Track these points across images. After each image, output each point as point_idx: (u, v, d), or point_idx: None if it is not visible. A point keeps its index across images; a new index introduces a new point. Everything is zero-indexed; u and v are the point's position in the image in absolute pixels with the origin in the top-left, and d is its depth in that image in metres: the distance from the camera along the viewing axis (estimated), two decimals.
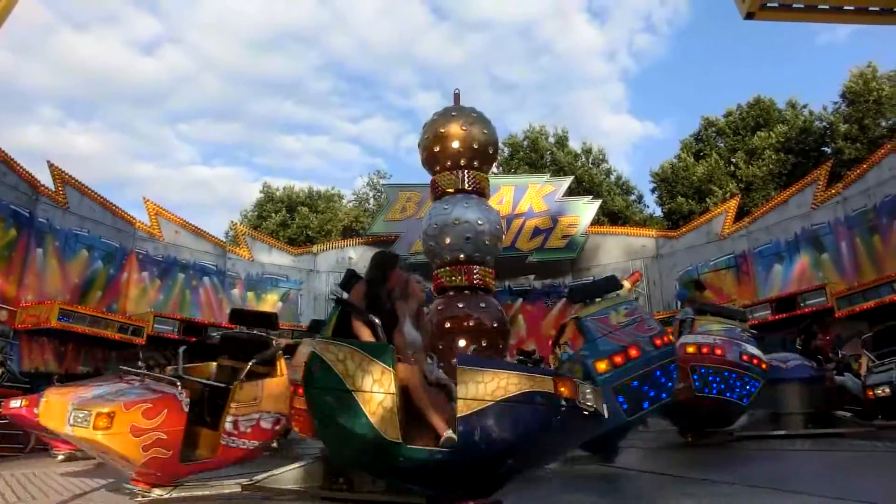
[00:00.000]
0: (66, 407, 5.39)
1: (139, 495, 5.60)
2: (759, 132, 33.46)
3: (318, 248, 27.89)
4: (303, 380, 4.76)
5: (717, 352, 9.08)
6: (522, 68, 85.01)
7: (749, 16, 5.17)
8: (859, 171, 19.77)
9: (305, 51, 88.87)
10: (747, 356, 9.23)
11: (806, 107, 34.55)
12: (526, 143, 40.36)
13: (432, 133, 16.20)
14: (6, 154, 17.21)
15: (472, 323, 14.94)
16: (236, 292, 24.18)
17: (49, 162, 18.93)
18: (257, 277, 25.10)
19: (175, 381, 5.85)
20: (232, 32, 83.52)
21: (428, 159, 16.49)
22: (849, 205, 19.63)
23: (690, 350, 9.03)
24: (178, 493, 5.88)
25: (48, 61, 75.04)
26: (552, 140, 40.74)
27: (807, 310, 18.15)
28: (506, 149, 38.99)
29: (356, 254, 27.60)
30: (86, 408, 5.34)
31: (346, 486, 5.43)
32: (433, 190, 16.51)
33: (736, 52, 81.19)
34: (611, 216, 35.66)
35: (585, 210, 27.10)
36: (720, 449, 9.44)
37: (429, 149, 16.30)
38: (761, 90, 49.38)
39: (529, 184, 27.88)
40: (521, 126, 75.59)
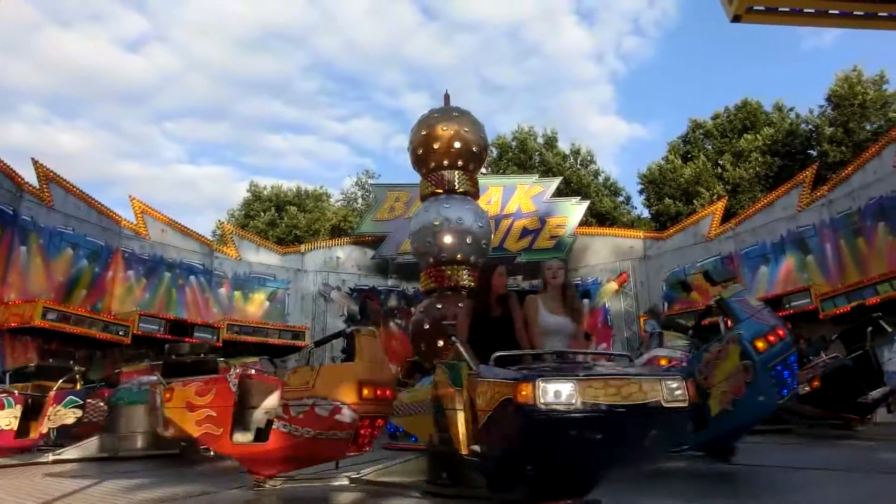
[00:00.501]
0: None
1: (255, 485, 6.17)
2: (745, 134, 33.63)
3: (305, 248, 27.80)
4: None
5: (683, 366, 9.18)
6: (511, 70, 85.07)
7: (736, 18, 5.20)
8: (844, 174, 19.92)
9: (293, 50, 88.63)
10: None
11: (792, 110, 34.79)
12: (514, 143, 40.42)
13: (422, 133, 16.21)
14: None
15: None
16: (223, 291, 24.08)
17: (34, 159, 18.83)
18: (244, 277, 25.00)
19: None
20: (219, 31, 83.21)
21: (418, 160, 16.49)
22: (834, 207, 19.77)
23: (663, 363, 9.06)
24: (290, 484, 6.47)
25: (33, 59, 74.53)
26: (541, 141, 40.83)
27: (790, 311, 18.27)
28: (494, 149, 39.01)
29: (344, 253, 27.58)
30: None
31: (450, 482, 5.65)
32: (423, 190, 16.52)
33: (723, 55, 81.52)
34: (599, 217, 35.75)
35: (574, 211, 27.17)
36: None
37: (419, 149, 16.30)
38: (748, 93, 49.59)
39: (518, 184, 27.93)
40: (509, 127, 75.71)
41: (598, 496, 4.16)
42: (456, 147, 15.87)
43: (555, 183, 28.51)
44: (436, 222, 15.40)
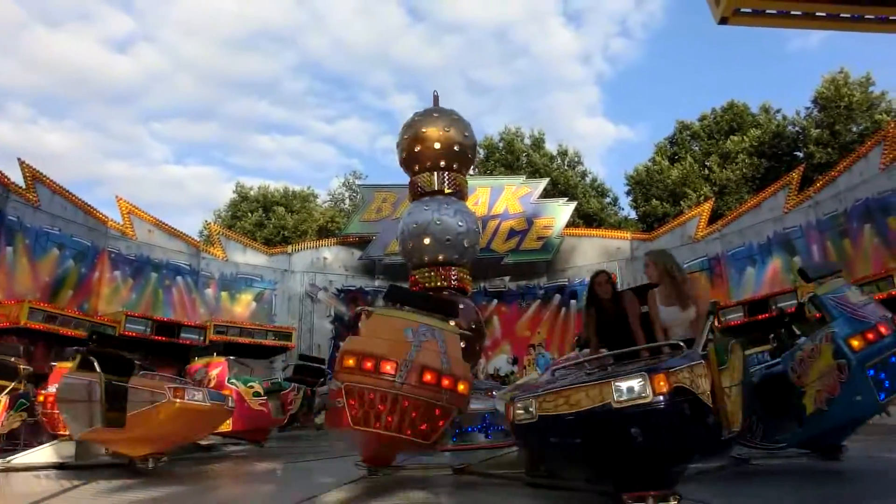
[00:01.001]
0: None
1: (366, 472, 6.92)
2: (732, 136, 33.80)
3: (292, 249, 27.72)
4: None
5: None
6: (498, 71, 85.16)
7: (723, 20, 5.19)
8: (830, 175, 20.03)
9: (281, 50, 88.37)
10: None
11: (779, 111, 34.99)
12: (502, 144, 40.46)
13: (411, 134, 16.12)
14: None
15: None
16: (210, 292, 23.97)
17: (20, 159, 18.64)
18: (231, 277, 24.89)
19: None
20: (207, 31, 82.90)
21: (406, 160, 16.41)
22: (820, 209, 19.88)
23: None
24: (394, 472, 7.16)
25: (20, 58, 73.96)
26: (528, 142, 40.90)
27: (776, 313, 18.31)
28: (482, 150, 39.00)
29: (331, 254, 27.52)
30: None
31: (547, 473, 6.14)
32: (411, 191, 16.45)
33: (709, 57, 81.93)
34: (586, 218, 35.83)
35: (561, 212, 27.21)
36: None
37: (407, 149, 16.22)
38: (735, 95, 49.79)
39: (505, 185, 27.95)
40: (496, 128, 75.68)
41: (705, 494, 4.96)
42: (445, 148, 15.80)
43: (542, 184, 28.55)
44: (424, 223, 15.34)
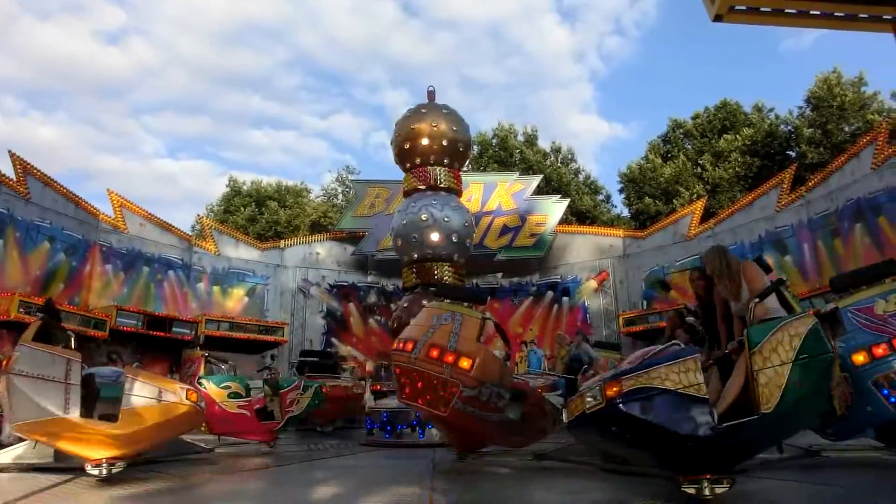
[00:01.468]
0: None
1: (460, 458, 7.75)
2: (725, 135, 33.86)
3: (285, 243, 27.65)
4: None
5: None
6: (491, 68, 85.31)
7: (717, 18, 5.20)
8: (822, 175, 20.08)
9: (274, 45, 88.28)
10: None
11: (772, 111, 35.07)
12: (495, 141, 40.45)
13: (406, 129, 16.13)
14: None
15: None
16: (202, 286, 23.90)
17: (10, 151, 18.52)
18: (223, 272, 24.83)
19: None
20: (199, 25, 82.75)
21: (400, 155, 16.42)
22: (812, 208, 19.93)
23: None
24: (479, 457, 8.04)
25: (11, 51, 73.62)
26: (521, 139, 40.89)
27: None
28: (475, 147, 38.95)
29: (323, 249, 27.48)
30: None
31: (621, 459, 6.50)
32: (405, 186, 16.46)
33: (703, 56, 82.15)
34: (579, 215, 35.88)
35: (554, 209, 27.21)
36: None
37: (402, 145, 16.23)
38: (728, 93, 50.12)
39: (498, 182, 27.94)
40: (490, 125, 75.73)
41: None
42: (439, 143, 15.82)
43: (535, 181, 28.53)
44: (418, 219, 15.35)
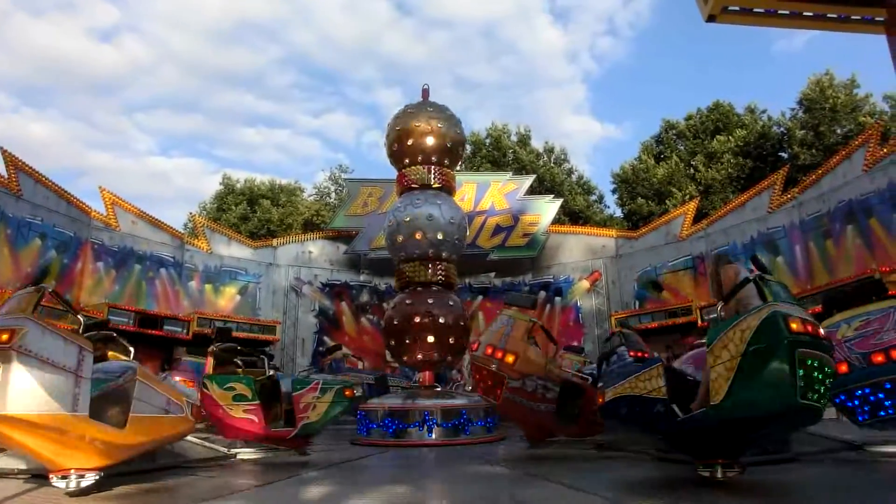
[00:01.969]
0: None
1: (529, 446, 8.91)
2: (718, 136, 33.96)
3: (277, 242, 27.58)
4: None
5: None
6: (485, 67, 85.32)
7: (710, 18, 5.21)
8: (814, 176, 20.13)
9: (267, 43, 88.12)
10: None
11: (765, 112, 35.19)
12: (489, 140, 40.45)
13: (400, 127, 16.08)
14: None
15: (431, 319, 14.91)
16: (193, 284, 23.82)
17: (1, 148, 18.41)
18: (215, 270, 24.75)
19: None
20: (192, 23, 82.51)
21: (394, 154, 16.37)
22: (804, 209, 19.99)
23: None
24: (545, 446, 8.98)
25: (3, 48, 73.29)
26: (514, 139, 40.91)
27: None
28: (468, 146, 38.93)
29: (316, 248, 27.44)
30: None
31: (670, 449, 7.11)
32: (399, 184, 16.43)
33: (696, 57, 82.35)
34: (572, 216, 35.92)
35: (547, 209, 27.22)
36: None
37: (395, 143, 16.18)
38: (720, 95, 50.17)
39: (491, 181, 27.93)
40: (483, 124, 75.69)
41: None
42: (433, 142, 15.78)
43: (528, 181, 28.53)
44: (411, 217, 15.32)
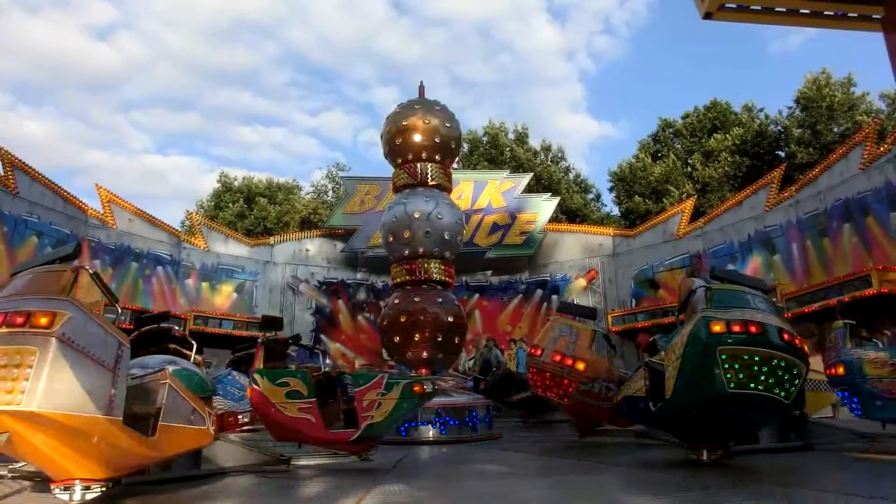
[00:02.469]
0: None
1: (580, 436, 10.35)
2: (715, 134, 33.96)
3: (274, 240, 27.57)
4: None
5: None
6: (481, 66, 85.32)
7: (707, 16, 5.22)
8: (811, 175, 20.17)
9: (264, 42, 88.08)
10: None
11: (762, 111, 35.19)
12: (486, 139, 40.43)
13: (396, 124, 16.01)
14: None
15: (428, 317, 14.88)
16: (190, 282, 23.79)
17: None
18: (212, 268, 24.72)
19: None
20: (188, 20, 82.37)
21: (390, 151, 16.31)
22: (801, 208, 20.01)
23: None
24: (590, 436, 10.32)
25: None
26: (512, 137, 40.90)
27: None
28: (465, 144, 38.91)
29: (313, 246, 27.41)
30: None
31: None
32: (395, 182, 16.38)
33: (693, 56, 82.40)
34: (569, 214, 35.92)
35: (544, 207, 27.23)
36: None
37: (392, 140, 16.12)
38: (717, 94, 50.28)
39: (489, 180, 27.93)
40: (480, 122, 75.77)
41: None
42: (429, 139, 15.71)
43: (525, 179, 28.53)
44: (408, 215, 15.26)
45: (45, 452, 4.80)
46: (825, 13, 5.12)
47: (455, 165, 19.90)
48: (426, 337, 14.58)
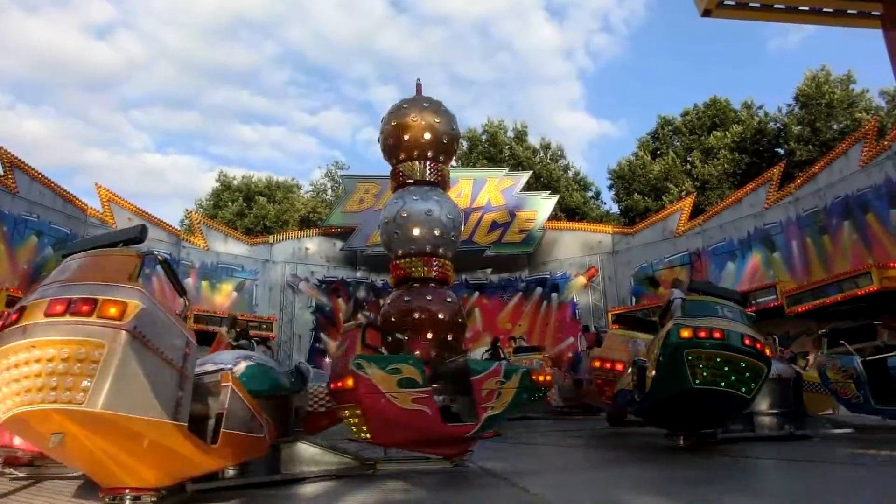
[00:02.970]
0: None
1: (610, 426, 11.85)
2: (714, 132, 33.93)
3: (274, 239, 27.53)
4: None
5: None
6: (480, 64, 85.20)
7: (706, 13, 5.20)
8: (811, 172, 20.15)
9: (262, 40, 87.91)
10: None
11: (761, 108, 35.14)
12: (485, 137, 40.38)
13: (394, 122, 15.99)
14: None
15: (427, 315, 14.87)
16: (190, 281, 23.72)
17: None
18: (212, 267, 24.68)
19: None
20: (187, 19, 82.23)
21: (388, 149, 16.29)
22: (800, 205, 20.00)
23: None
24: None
25: None
26: (511, 135, 40.83)
27: (753, 308, 18.43)
28: (465, 142, 38.92)
29: (313, 245, 27.38)
30: None
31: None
32: (393, 180, 16.35)
33: (691, 54, 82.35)
34: (568, 212, 35.90)
35: (543, 205, 27.22)
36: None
37: (390, 138, 16.10)
38: (717, 91, 50.20)
39: (488, 178, 27.90)
40: (479, 121, 75.67)
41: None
42: (428, 137, 15.70)
43: (525, 177, 28.50)
44: (406, 213, 15.25)
45: (99, 458, 4.28)
46: (824, 10, 5.10)
47: (454, 163, 19.89)
48: (426, 335, 14.58)
